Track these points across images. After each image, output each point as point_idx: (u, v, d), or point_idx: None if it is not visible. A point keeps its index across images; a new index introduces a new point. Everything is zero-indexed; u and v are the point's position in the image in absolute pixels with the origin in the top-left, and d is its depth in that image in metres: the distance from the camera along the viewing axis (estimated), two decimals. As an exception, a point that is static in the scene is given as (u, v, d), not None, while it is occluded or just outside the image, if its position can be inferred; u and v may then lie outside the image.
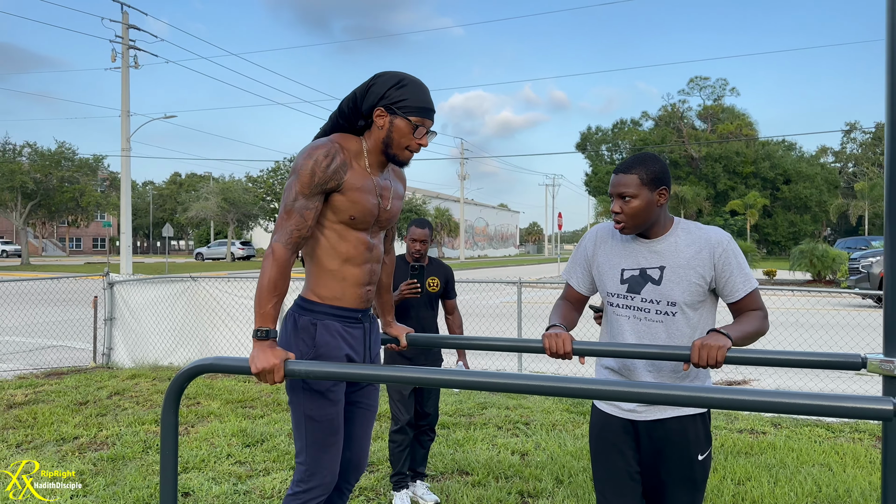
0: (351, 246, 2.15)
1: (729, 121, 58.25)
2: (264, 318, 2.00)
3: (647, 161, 2.25)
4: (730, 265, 2.24)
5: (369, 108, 2.12)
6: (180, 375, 1.98)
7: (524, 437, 5.26)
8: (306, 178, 2.03)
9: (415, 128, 2.11)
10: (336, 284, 2.16)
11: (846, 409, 1.42)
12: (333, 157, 2.05)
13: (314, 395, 2.17)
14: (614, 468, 2.36)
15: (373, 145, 2.15)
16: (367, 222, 2.16)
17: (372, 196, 2.14)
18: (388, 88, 2.09)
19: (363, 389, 2.40)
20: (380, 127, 2.11)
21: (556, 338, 2.22)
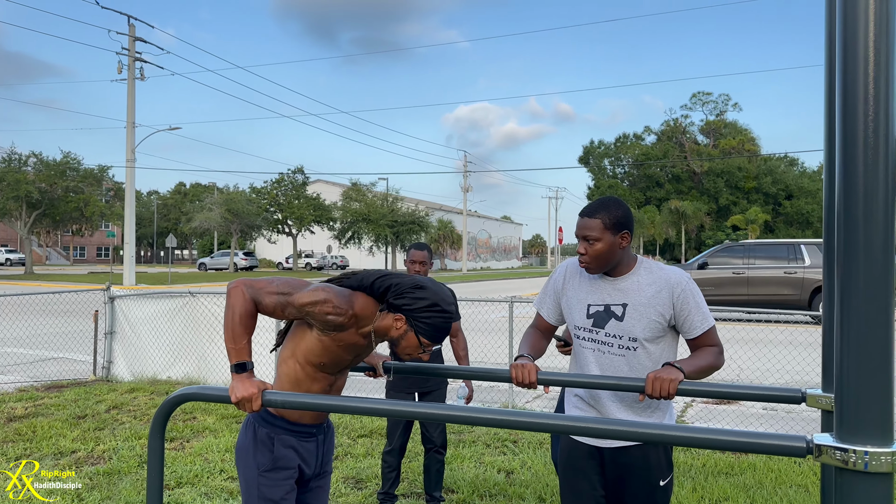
0: (316, 385, 2.26)
1: (731, 136, 58.48)
2: (240, 353, 2.13)
3: (611, 206, 2.40)
4: (688, 304, 2.39)
5: (395, 307, 2.22)
6: (166, 403, 2.12)
7: (511, 455, 5.38)
8: (305, 300, 2.12)
9: (421, 347, 2.25)
10: (298, 410, 2.27)
11: (766, 446, 1.56)
12: (340, 317, 2.14)
13: (268, 503, 2.26)
14: (581, 492, 2.49)
15: (380, 329, 2.25)
16: (333, 370, 2.28)
17: (348, 354, 2.26)
18: (421, 307, 2.20)
19: (313, 493, 2.46)
20: (396, 328, 2.22)
21: (522, 368, 2.36)
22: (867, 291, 1.39)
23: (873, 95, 1.37)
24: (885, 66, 1.36)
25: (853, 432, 1.40)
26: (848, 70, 1.40)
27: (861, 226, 1.39)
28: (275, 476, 2.27)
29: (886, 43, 1.37)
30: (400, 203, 53.90)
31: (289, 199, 53.05)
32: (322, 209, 52.95)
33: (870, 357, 1.39)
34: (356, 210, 51.76)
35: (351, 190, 54.20)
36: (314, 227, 53.93)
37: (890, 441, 1.39)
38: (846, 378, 1.41)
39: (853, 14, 1.41)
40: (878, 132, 1.36)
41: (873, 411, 1.39)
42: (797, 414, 6.98)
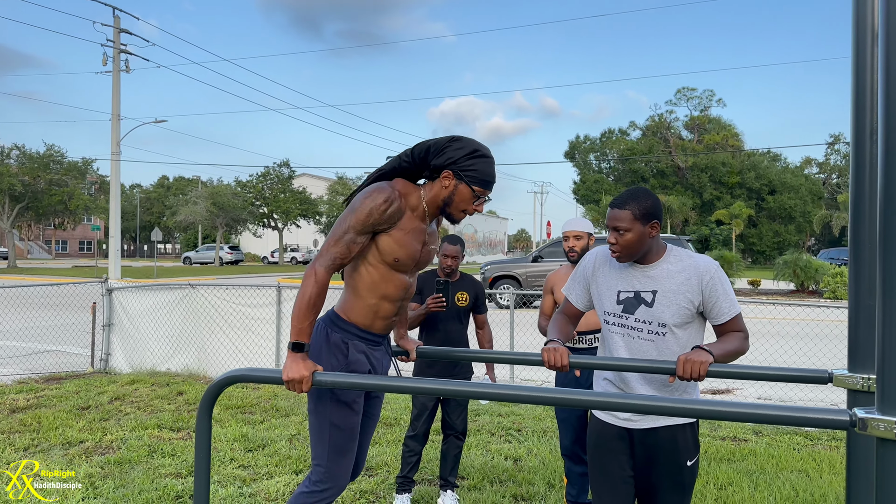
0: (392, 286, 2.35)
1: (715, 131, 58.90)
2: (301, 332, 2.19)
3: (640, 197, 2.48)
4: (716, 292, 2.47)
5: (439, 166, 2.29)
6: (215, 385, 2.17)
7: (517, 443, 5.47)
8: (362, 216, 2.21)
9: (476, 197, 2.32)
10: (370, 315, 2.36)
11: (810, 420, 1.64)
12: (391, 203, 2.24)
13: (341, 405, 2.37)
14: (610, 471, 2.57)
15: (431, 199, 2.34)
16: (409, 265, 2.35)
17: (417, 242, 2.33)
18: (463, 156, 2.28)
19: (373, 401, 2.62)
20: (444, 186, 2.30)
21: (554, 352, 2.43)
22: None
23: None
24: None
25: (894, 406, 1.49)
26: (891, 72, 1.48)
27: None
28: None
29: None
30: (386, 197, 53.82)
31: (274, 192, 52.82)
32: (308, 203, 52.79)
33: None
34: (341, 204, 51.67)
35: (337, 184, 54.07)
36: (300, 221, 53.77)
37: (930, 412, 1.48)
38: (889, 356, 1.50)
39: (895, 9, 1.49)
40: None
41: (914, 385, 1.48)
42: (793, 402, 7.12)
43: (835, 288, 21.66)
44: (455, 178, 2.29)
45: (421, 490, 4.46)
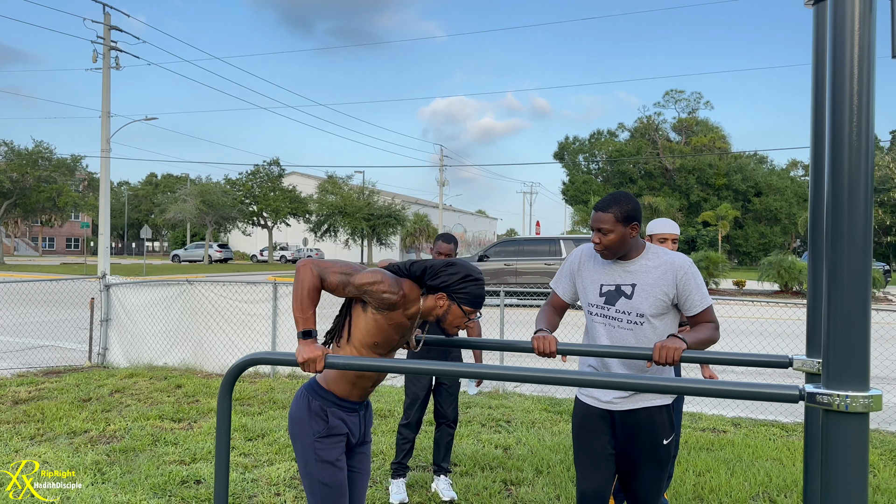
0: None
1: (702, 133, 59.47)
2: (307, 321, 2.40)
3: (622, 201, 2.72)
4: (689, 286, 2.72)
5: (434, 287, 2.53)
6: (235, 366, 2.38)
7: (506, 434, 5.71)
8: (364, 280, 2.41)
9: (466, 317, 2.56)
10: (347, 387, 2.59)
11: (765, 394, 1.88)
12: (392, 296, 2.43)
13: (325, 464, 2.58)
14: (593, 450, 2.81)
15: (426, 310, 2.56)
16: (384, 349, 2.58)
17: (396, 334, 2.55)
18: (456, 280, 2.51)
19: (358, 457, 2.80)
20: (440, 306, 2.54)
21: (543, 339, 2.66)
22: (850, 268, 1.71)
23: (857, 105, 1.70)
24: (867, 82, 1.69)
25: (837, 381, 1.73)
26: (836, 87, 1.73)
27: (846, 216, 1.71)
28: (329, 441, 2.56)
29: (868, 63, 1.70)
30: (376, 196, 53.93)
31: (264, 191, 52.83)
32: (298, 202, 52.83)
33: (851, 321, 1.71)
34: (332, 203, 51.68)
35: (327, 183, 54.09)
36: (290, 219, 53.80)
37: (866, 387, 1.72)
38: (833, 338, 1.74)
39: (840, 36, 1.73)
40: (860, 138, 1.69)
41: (853, 364, 1.72)
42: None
43: (817, 289, 22.01)
44: (448, 299, 2.54)
45: (415, 475, 4.69)
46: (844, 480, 1.73)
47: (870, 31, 1.74)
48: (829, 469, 1.77)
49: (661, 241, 3.93)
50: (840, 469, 1.74)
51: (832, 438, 1.76)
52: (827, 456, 1.77)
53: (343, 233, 52.83)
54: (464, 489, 4.43)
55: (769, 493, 4.43)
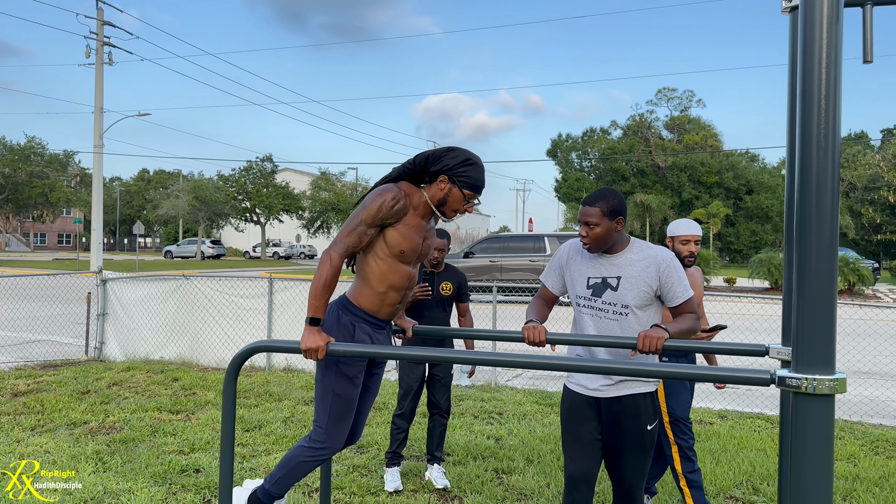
0: (397, 276, 2.71)
1: (695, 131, 59.78)
2: (317, 309, 2.54)
3: (608, 196, 2.85)
4: (671, 278, 2.85)
5: (436, 172, 2.68)
6: (240, 353, 2.50)
7: (498, 425, 5.84)
8: (373, 211, 2.57)
9: (467, 200, 2.71)
10: (377, 301, 2.72)
11: (739, 378, 2.01)
12: (398, 201, 2.61)
13: (344, 378, 2.71)
14: (580, 435, 2.94)
15: (430, 199, 2.71)
16: (412, 257, 2.71)
17: (419, 236, 2.69)
18: (457, 164, 2.67)
19: (373, 378, 2.96)
20: (440, 189, 2.69)
21: (533, 329, 2.79)
22: (817, 261, 1.85)
23: (824, 109, 1.83)
24: (834, 89, 1.82)
25: (805, 365, 1.86)
26: (806, 93, 1.86)
27: (813, 214, 1.84)
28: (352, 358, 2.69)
29: (835, 74, 1.83)
30: (369, 193, 53.99)
31: (257, 187, 52.82)
32: (291, 198, 52.85)
33: (819, 311, 1.84)
34: (325, 199, 51.75)
35: (320, 179, 54.15)
36: (283, 216, 53.82)
37: (832, 371, 1.85)
38: (802, 326, 1.87)
39: (809, 44, 1.86)
40: (827, 140, 1.82)
41: (820, 350, 1.85)
42: (756, 391, 7.57)
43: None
44: (450, 182, 2.67)
45: (409, 465, 4.81)
46: (812, 458, 1.87)
47: (836, 40, 1.87)
48: (797, 448, 1.90)
49: (684, 243, 3.85)
50: (807, 448, 1.87)
51: (800, 419, 1.89)
52: (795, 435, 1.91)
53: (336, 229, 52.91)
54: (456, 477, 4.55)
55: (752, 482, 4.58)
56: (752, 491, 4.44)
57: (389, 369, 7.94)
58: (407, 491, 4.37)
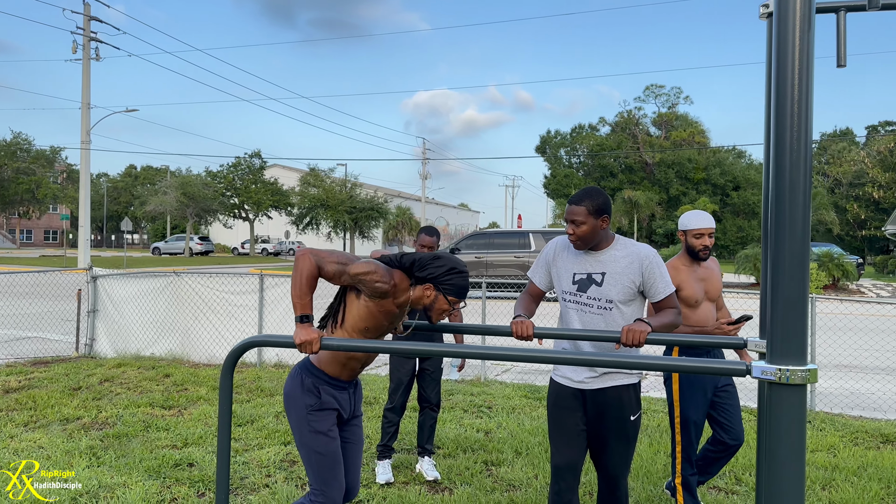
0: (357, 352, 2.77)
1: (682, 128, 60.09)
2: (304, 307, 2.60)
3: (593, 195, 2.95)
4: (654, 274, 2.95)
5: (421, 279, 2.75)
6: (236, 348, 2.57)
7: (487, 419, 5.94)
8: (360, 270, 2.62)
9: (451, 307, 2.79)
10: (338, 367, 2.81)
11: (717, 369, 2.11)
12: (385, 285, 2.65)
13: (318, 434, 2.79)
14: (565, 426, 3.04)
15: (415, 300, 2.78)
16: (374, 335, 2.78)
17: (387, 320, 2.76)
18: (442, 273, 2.74)
19: (351, 428, 3.01)
20: (427, 296, 2.76)
21: (521, 324, 2.88)
22: (790, 257, 1.95)
23: (797, 112, 1.93)
24: (806, 94, 1.92)
25: (779, 357, 1.96)
26: (779, 96, 1.96)
27: (787, 212, 1.94)
28: (321, 414, 2.78)
29: (807, 78, 1.92)
30: (359, 189, 53.93)
31: (246, 183, 52.63)
32: (280, 194, 52.70)
33: (793, 306, 1.94)
34: (314, 196, 51.63)
35: (309, 175, 53.98)
36: (271, 212, 53.67)
37: (804, 362, 1.95)
38: (777, 321, 1.97)
39: (784, 53, 1.95)
40: (800, 144, 1.91)
41: (793, 343, 1.95)
42: (738, 384, 7.71)
43: (792, 281, 22.52)
44: (435, 290, 2.77)
45: (400, 457, 4.90)
46: (786, 444, 1.97)
47: (809, 46, 1.97)
48: (772, 435, 2.00)
49: (697, 236, 3.70)
50: (782, 434, 1.97)
51: (775, 408, 1.99)
52: (770, 423, 2.01)
53: (325, 226, 52.79)
54: (447, 469, 4.65)
55: (735, 472, 4.70)
56: (735, 481, 4.56)
57: (380, 364, 8.02)
58: (398, 483, 4.46)
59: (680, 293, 3.61)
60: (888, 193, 48.62)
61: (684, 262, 3.76)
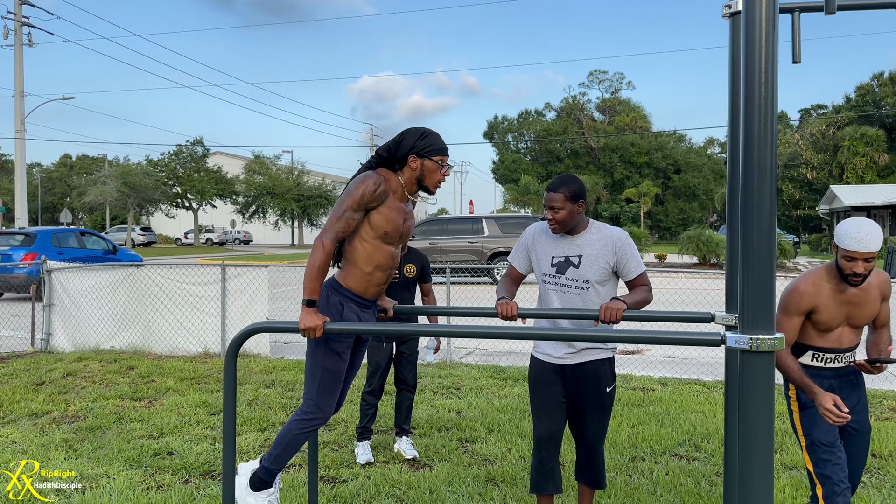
0: (382, 257, 2.92)
1: (625, 113, 61.36)
2: (312, 292, 2.73)
3: (570, 182, 3.14)
4: (626, 255, 3.17)
5: (403, 156, 2.90)
6: (239, 335, 2.67)
7: (457, 399, 6.14)
8: (357, 196, 2.77)
9: (440, 165, 2.91)
10: (364, 282, 2.93)
11: (692, 339, 2.32)
12: (379, 185, 2.81)
13: (333, 354, 2.93)
14: (547, 399, 3.25)
15: (407, 181, 2.93)
16: (395, 237, 2.92)
17: (400, 218, 2.90)
18: (416, 140, 2.89)
19: (356, 354, 3.18)
20: (413, 168, 2.90)
21: (506, 305, 3.06)
22: (759, 240, 2.16)
23: (764, 107, 2.14)
24: (771, 87, 2.13)
25: (750, 327, 2.18)
26: (748, 90, 2.16)
27: (755, 195, 2.15)
28: (339, 335, 2.89)
29: (773, 73, 2.13)
30: (306, 177, 53.41)
31: (188, 171, 51.44)
32: (224, 182, 51.72)
33: (761, 279, 2.16)
34: (260, 184, 50.89)
35: (254, 163, 53.18)
36: (216, 201, 52.63)
37: (771, 331, 2.17)
38: (747, 293, 2.19)
39: (752, 50, 2.16)
40: (766, 134, 2.12)
41: (762, 313, 2.17)
42: (692, 360, 8.10)
43: (733, 260, 23.45)
44: (419, 158, 2.91)
45: (378, 438, 5.05)
46: (756, 407, 2.20)
47: (774, 43, 2.18)
48: (745, 399, 2.23)
49: (848, 259, 2.88)
50: (753, 398, 2.20)
51: (747, 374, 2.22)
52: (743, 389, 2.23)
53: (272, 214, 52.15)
54: (424, 448, 4.82)
55: (694, 440, 5.01)
56: (695, 448, 4.86)
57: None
58: (378, 462, 4.61)
59: (813, 315, 2.99)
60: (821, 174, 50.74)
61: (829, 279, 2.99)
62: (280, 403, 5.96)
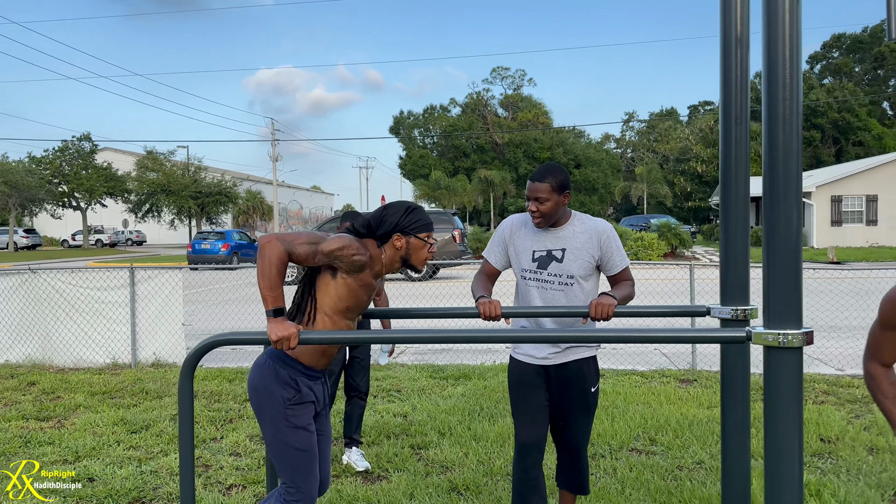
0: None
1: (527, 109, 62.48)
2: (276, 299, 2.37)
3: (555, 172, 2.93)
4: (611, 248, 3.00)
5: (387, 234, 2.60)
6: (197, 349, 2.30)
7: (400, 402, 5.85)
8: (334, 246, 2.44)
9: (426, 243, 2.65)
10: (316, 354, 2.60)
11: (715, 338, 2.17)
12: (361, 257, 2.50)
13: (297, 430, 2.58)
14: (530, 402, 3.03)
15: (389, 260, 2.63)
16: (355, 313, 2.61)
17: (366, 294, 2.59)
18: (400, 217, 2.60)
19: (322, 420, 2.82)
20: (398, 248, 2.61)
21: (489, 304, 2.82)
22: (785, 234, 2.01)
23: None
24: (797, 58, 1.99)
25: (777, 322, 2.04)
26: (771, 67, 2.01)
27: (781, 189, 2.00)
28: (300, 408, 2.56)
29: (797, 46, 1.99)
30: (203, 173, 51.15)
31: (75, 169, 48.20)
32: (114, 180, 48.80)
33: (787, 273, 2.02)
34: (154, 181, 48.33)
35: (146, 159, 50.42)
36: (106, 199, 49.57)
37: (799, 326, 2.04)
38: (773, 288, 2.04)
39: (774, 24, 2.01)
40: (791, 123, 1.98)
41: (790, 308, 2.03)
42: (622, 351, 8.15)
43: (637, 251, 24.24)
44: (404, 236, 2.63)
45: (324, 450, 4.70)
46: (785, 405, 2.05)
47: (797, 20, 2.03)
48: (771, 396, 2.08)
49: None
50: (782, 396, 2.05)
51: (774, 370, 2.07)
52: (770, 386, 2.09)
53: (168, 212, 49.65)
54: (375, 458, 4.52)
55: (648, 434, 4.95)
56: (650, 442, 4.80)
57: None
58: (329, 477, 4.27)
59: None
60: (710, 167, 53.45)
61: None
62: (208, 417, 5.48)
